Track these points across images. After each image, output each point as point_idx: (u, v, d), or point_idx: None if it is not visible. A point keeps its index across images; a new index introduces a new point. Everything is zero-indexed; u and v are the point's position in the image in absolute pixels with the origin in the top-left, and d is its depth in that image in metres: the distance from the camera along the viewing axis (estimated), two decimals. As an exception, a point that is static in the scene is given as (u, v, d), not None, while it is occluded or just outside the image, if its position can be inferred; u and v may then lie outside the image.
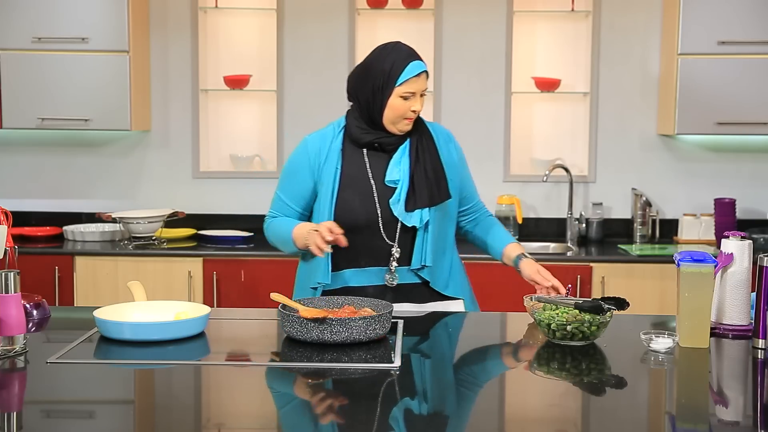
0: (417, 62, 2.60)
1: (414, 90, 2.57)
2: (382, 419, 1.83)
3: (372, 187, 2.62)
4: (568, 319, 2.26)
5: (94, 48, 4.32)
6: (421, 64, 2.60)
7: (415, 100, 2.58)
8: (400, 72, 2.57)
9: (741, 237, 2.39)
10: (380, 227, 2.61)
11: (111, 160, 4.72)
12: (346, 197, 2.61)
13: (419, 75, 2.58)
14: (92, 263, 4.18)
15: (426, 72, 2.61)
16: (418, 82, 2.58)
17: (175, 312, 2.40)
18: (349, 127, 2.67)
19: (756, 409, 1.93)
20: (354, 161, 2.64)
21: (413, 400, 1.94)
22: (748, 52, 4.22)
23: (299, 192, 2.69)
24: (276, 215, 2.74)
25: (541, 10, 4.61)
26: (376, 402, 1.95)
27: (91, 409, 1.89)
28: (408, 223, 2.60)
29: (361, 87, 2.65)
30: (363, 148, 2.65)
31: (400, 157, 2.63)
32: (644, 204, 4.55)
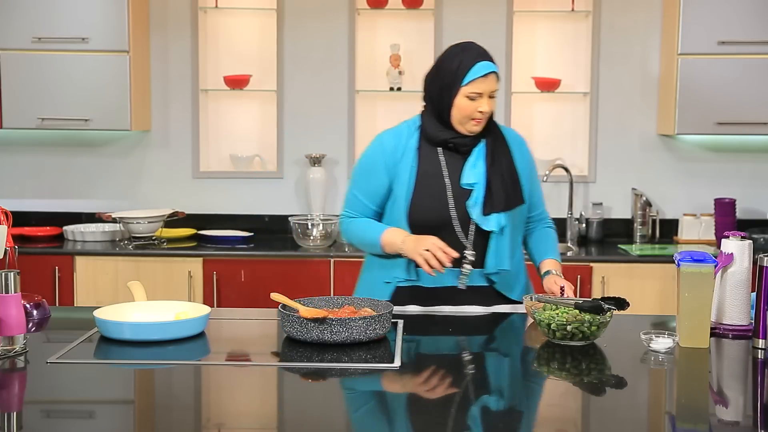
0: (485, 63, 2.56)
1: (480, 90, 2.55)
2: (382, 420, 1.84)
3: (447, 187, 2.60)
4: (568, 319, 2.26)
5: (94, 48, 4.32)
6: (489, 65, 2.56)
7: (482, 101, 2.55)
8: (466, 72, 2.55)
9: (741, 237, 2.39)
10: (454, 229, 2.60)
11: (111, 160, 4.72)
12: (421, 196, 2.60)
13: (486, 76, 2.55)
14: (92, 263, 4.18)
15: (495, 73, 2.58)
16: (485, 83, 2.55)
17: (175, 312, 2.40)
18: (425, 125, 2.66)
19: (756, 409, 1.93)
20: (430, 160, 2.63)
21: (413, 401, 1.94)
22: (748, 52, 4.22)
23: (375, 190, 2.67)
24: (353, 215, 2.72)
25: (541, 10, 4.61)
26: (376, 402, 1.95)
27: (91, 409, 1.89)
28: (485, 227, 2.58)
29: (432, 86, 2.65)
30: (438, 146, 2.64)
31: (476, 159, 2.61)
32: (644, 204, 4.55)
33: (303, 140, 4.67)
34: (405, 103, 4.68)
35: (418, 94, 4.85)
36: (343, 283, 4.10)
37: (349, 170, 4.67)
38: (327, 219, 4.39)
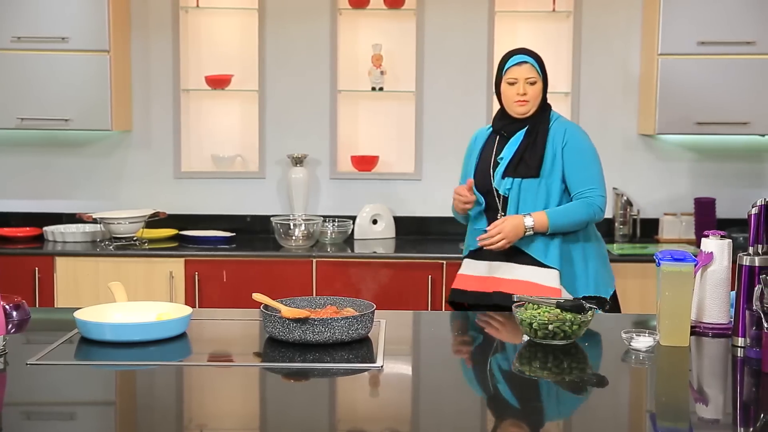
0: (520, 55, 3.14)
1: (516, 76, 3.11)
2: (364, 419, 1.84)
3: (490, 164, 3.15)
4: (550, 319, 2.27)
5: (74, 48, 4.29)
6: (522, 56, 3.13)
7: (519, 85, 3.10)
8: (505, 63, 3.15)
9: (721, 236, 2.41)
10: (494, 195, 3.12)
11: (92, 160, 4.70)
12: (478, 173, 3.17)
13: (520, 64, 3.12)
14: (73, 264, 4.16)
15: (528, 62, 3.11)
16: (519, 70, 3.11)
17: (156, 313, 2.39)
18: (494, 120, 3.26)
19: (736, 407, 1.94)
20: (489, 146, 3.20)
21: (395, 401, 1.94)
22: (727, 53, 4.25)
23: (467, 172, 3.24)
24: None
25: (522, 11, 4.62)
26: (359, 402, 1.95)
27: (72, 410, 1.88)
28: (499, 189, 3.10)
29: (494, 83, 3.22)
30: (497, 134, 3.19)
31: (515, 140, 3.13)
32: (625, 203, 4.58)
33: (285, 140, 4.67)
34: (387, 103, 4.69)
35: (401, 93, 4.88)
36: (326, 284, 4.10)
37: (332, 170, 4.67)
38: (309, 219, 4.38)
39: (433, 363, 2.29)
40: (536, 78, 3.12)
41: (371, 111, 4.71)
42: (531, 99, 3.11)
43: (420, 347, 2.46)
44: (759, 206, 2.28)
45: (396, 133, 4.71)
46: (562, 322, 2.27)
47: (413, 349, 2.43)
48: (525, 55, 3.15)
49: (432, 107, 4.64)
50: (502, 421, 1.82)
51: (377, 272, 4.12)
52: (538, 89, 3.13)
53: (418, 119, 4.62)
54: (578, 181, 3.09)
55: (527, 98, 3.10)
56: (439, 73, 4.63)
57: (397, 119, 4.71)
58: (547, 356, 2.22)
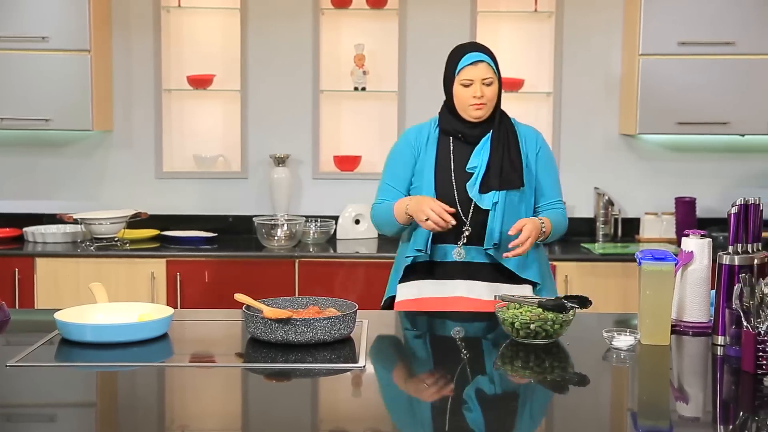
0: (474, 53, 2.82)
1: (471, 77, 2.79)
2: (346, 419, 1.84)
3: (451, 173, 2.85)
4: (532, 318, 2.28)
5: (54, 47, 4.26)
6: (478, 55, 2.81)
7: (475, 86, 2.79)
8: (457, 62, 2.82)
9: (701, 235, 2.42)
10: (459, 210, 2.80)
11: (73, 160, 4.67)
12: (438, 182, 2.84)
13: (475, 64, 2.80)
14: (53, 265, 4.13)
15: (484, 62, 2.80)
16: (475, 71, 2.79)
17: (138, 313, 2.38)
18: (441, 120, 2.92)
19: (716, 405, 1.95)
20: (444, 151, 2.88)
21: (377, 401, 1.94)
22: (707, 53, 4.28)
23: (403, 174, 2.92)
24: (381, 201, 2.94)
25: (504, 11, 4.63)
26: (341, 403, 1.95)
27: (53, 412, 1.87)
28: (480, 204, 2.80)
29: (443, 82, 2.90)
30: (450, 137, 2.88)
31: (481, 147, 2.84)
32: (607, 203, 4.60)
33: (267, 140, 4.66)
34: (370, 103, 4.69)
35: (383, 93, 4.88)
36: (308, 284, 4.09)
37: (314, 170, 4.66)
38: (291, 219, 4.38)
39: (415, 363, 2.29)
40: (493, 78, 2.81)
41: (354, 111, 4.71)
42: (488, 101, 2.81)
43: (402, 347, 2.46)
44: (739, 206, 2.29)
45: (378, 132, 4.71)
46: (544, 321, 2.28)
47: (395, 349, 2.43)
48: (480, 53, 2.82)
49: (414, 107, 4.64)
50: (483, 421, 1.82)
51: (360, 272, 4.12)
52: (494, 90, 2.82)
53: (400, 119, 4.63)
54: (549, 192, 2.93)
55: (484, 101, 2.80)
56: (422, 73, 4.64)
57: (380, 119, 4.71)
58: (528, 355, 2.23)
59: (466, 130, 2.86)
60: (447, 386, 2.06)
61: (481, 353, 2.40)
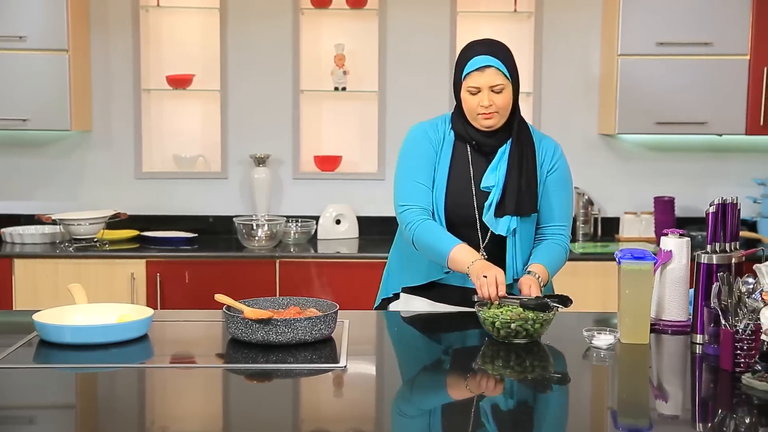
0: (481, 57, 2.53)
1: (477, 85, 2.52)
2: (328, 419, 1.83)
3: (472, 190, 2.60)
4: (512, 317, 2.29)
5: (32, 47, 4.23)
6: (485, 59, 2.53)
7: (482, 94, 2.52)
8: (464, 66, 2.55)
9: (680, 234, 2.44)
10: (477, 231, 2.60)
11: (51, 160, 4.64)
12: (453, 195, 2.60)
13: (482, 69, 2.52)
14: (32, 266, 4.10)
15: (493, 66, 2.52)
16: (482, 77, 2.52)
17: (117, 314, 2.37)
18: (454, 122, 2.64)
19: (694, 403, 1.97)
20: (461, 159, 2.62)
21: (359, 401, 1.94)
22: (685, 53, 4.31)
23: (427, 169, 2.61)
24: (412, 205, 2.60)
25: (484, 11, 4.64)
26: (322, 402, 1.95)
27: (32, 414, 1.86)
28: (495, 230, 2.57)
29: (453, 84, 2.64)
30: (467, 144, 2.62)
31: (497, 162, 2.59)
32: (586, 202, 4.62)
33: (247, 140, 4.64)
34: (350, 103, 4.69)
35: (363, 93, 4.87)
36: (289, 284, 4.08)
37: (294, 170, 4.65)
38: (272, 219, 4.37)
39: (396, 362, 2.29)
40: (504, 84, 2.53)
41: (334, 111, 4.71)
42: (500, 110, 2.53)
43: (383, 347, 2.46)
44: (717, 205, 2.31)
45: (359, 133, 4.71)
46: (524, 320, 2.28)
47: (377, 349, 2.43)
48: (488, 56, 2.53)
49: (395, 107, 4.64)
50: (464, 420, 1.83)
51: (341, 272, 4.12)
52: (507, 97, 2.54)
53: (381, 119, 4.63)
54: (559, 215, 2.67)
55: (494, 110, 2.53)
56: (402, 73, 4.64)
57: (360, 119, 4.71)
58: (509, 354, 2.24)
59: (481, 138, 2.59)
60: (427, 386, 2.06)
61: (462, 353, 2.41)
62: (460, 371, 2.21)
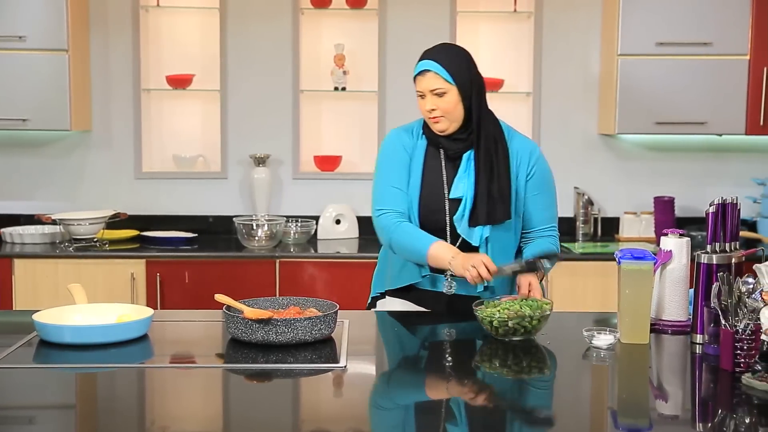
0: (422, 62, 2.57)
1: (420, 89, 2.57)
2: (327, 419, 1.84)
3: (444, 196, 2.61)
4: (510, 316, 2.29)
5: (31, 46, 4.23)
6: (424, 63, 2.56)
7: (426, 99, 2.56)
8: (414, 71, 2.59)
9: (679, 234, 2.44)
10: (447, 237, 2.61)
11: (51, 160, 4.64)
12: (426, 201, 2.62)
13: (423, 74, 2.56)
14: (32, 266, 4.10)
15: (431, 71, 2.55)
16: (423, 81, 2.56)
17: (117, 314, 2.37)
18: (425, 128, 2.66)
19: (694, 403, 1.97)
20: (433, 165, 2.63)
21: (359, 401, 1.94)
22: (685, 53, 4.31)
23: (402, 171, 2.64)
24: (389, 209, 2.63)
25: (483, 11, 4.64)
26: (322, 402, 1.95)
27: (32, 414, 1.86)
28: (469, 239, 2.58)
29: None
30: (438, 149, 2.63)
31: (464, 170, 2.60)
32: (586, 202, 4.62)
33: (247, 140, 4.64)
34: (350, 103, 4.69)
35: (363, 93, 4.87)
36: (289, 284, 4.08)
37: (294, 170, 4.65)
38: (272, 219, 4.37)
39: (395, 362, 2.29)
40: (444, 87, 2.53)
41: (334, 111, 4.71)
42: (445, 114, 2.55)
43: (383, 347, 2.46)
44: (716, 205, 2.31)
45: (359, 132, 4.71)
46: (521, 318, 2.29)
47: (376, 349, 2.43)
48: (429, 60, 2.56)
49: (394, 107, 4.64)
50: (463, 420, 1.83)
51: (340, 272, 4.12)
52: (450, 101, 2.54)
53: (380, 119, 4.63)
54: (542, 219, 2.66)
55: (438, 114, 2.54)
56: (401, 73, 4.64)
57: (360, 119, 4.71)
58: (508, 354, 2.24)
59: (445, 142, 2.61)
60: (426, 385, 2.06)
61: (461, 352, 2.41)
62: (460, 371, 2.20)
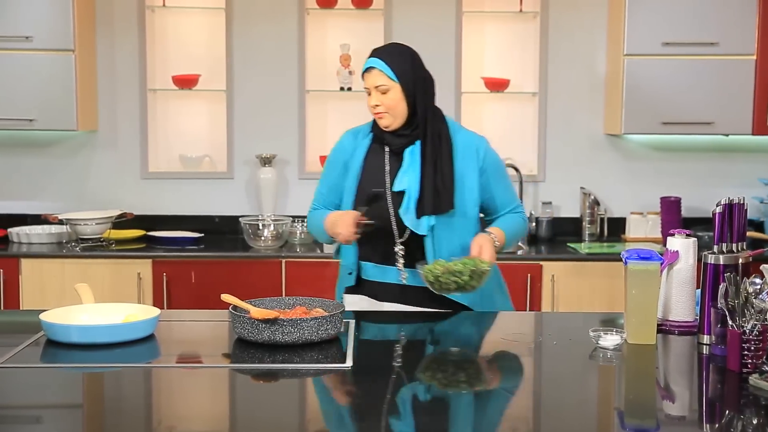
0: (369, 59, 2.68)
1: (366, 85, 2.67)
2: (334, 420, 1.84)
3: (387, 189, 2.67)
4: (442, 272, 2.42)
5: (38, 47, 4.24)
6: (370, 61, 2.67)
7: (372, 95, 2.66)
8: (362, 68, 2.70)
9: (686, 235, 2.43)
10: (393, 229, 2.67)
11: (57, 160, 4.65)
12: (361, 195, 2.69)
13: (368, 71, 2.67)
14: (38, 266, 4.11)
15: (376, 68, 2.65)
16: (369, 78, 2.66)
17: (124, 314, 2.37)
18: (374, 125, 2.76)
19: (701, 404, 1.97)
20: (376, 160, 2.72)
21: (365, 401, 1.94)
22: (691, 53, 4.30)
23: (336, 182, 2.77)
24: (317, 207, 2.82)
25: (489, 11, 4.64)
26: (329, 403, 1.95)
27: (39, 414, 1.86)
28: (416, 230, 2.63)
29: None
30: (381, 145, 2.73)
31: (409, 164, 2.66)
32: (592, 203, 4.61)
33: (253, 140, 4.65)
34: (355, 103, 4.68)
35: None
36: (295, 284, 4.08)
37: (300, 170, 4.66)
38: (278, 220, 4.37)
39: (402, 363, 2.29)
40: (388, 84, 2.62)
41: (340, 111, 4.71)
42: (389, 110, 2.64)
43: (389, 347, 2.46)
44: (723, 205, 2.31)
45: (364, 133, 4.70)
46: (452, 273, 2.41)
47: (383, 349, 2.43)
48: (374, 58, 2.67)
49: (400, 107, 4.63)
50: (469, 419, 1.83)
51: (346, 272, 4.11)
52: (394, 98, 2.63)
53: (386, 119, 4.62)
54: (504, 202, 2.76)
55: (382, 110, 2.64)
56: (408, 73, 4.63)
57: (365, 119, 4.67)
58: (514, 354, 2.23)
59: (389, 138, 2.69)
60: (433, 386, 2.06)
61: (468, 352, 2.40)
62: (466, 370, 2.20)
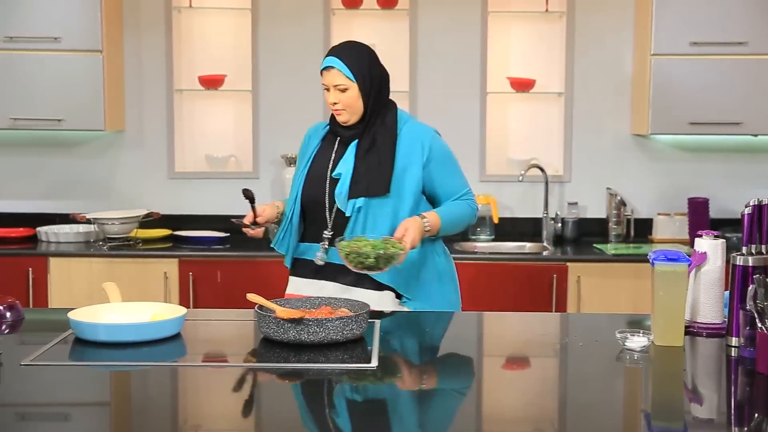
0: (327, 58, 2.79)
1: (325, 83, 2.79)
2: (361, 420, 1.84)
3: (327, 175, 2.83)
4: (352, 250, 2.51)
5: (66, 47, 4.28)
6: (328, 60, 2.78)
7: (330, 93, 2.78)
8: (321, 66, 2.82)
9: (714, 236, 2.41)
10: (325, 211, 2.81)
11: (85, 160, 4.69)
12: (307, 182, 2.86)
13: (327, 69, 2.77)
14: (66, 264, 4.15)
15: (334, 68, 2.75)
16: (328, 76, 2.78)
17: (151, 313, 2.38)
18: (331, 118, 2.89)
19: (730, 407, 1.95)
20: (326, 150, 2.88)
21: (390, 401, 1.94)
22: (720, 53, 4.27)
23: (301, 161, 2.95)
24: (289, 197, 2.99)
25: (515, 11, 4.63)
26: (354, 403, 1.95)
27: (67, 411, 1.88)
28: (344, 210, 2.77)
29: None
30: (335, 136, 2.88)
31: (348, 153, 2.82)
32: (619, 203, 4.58)
33: (278, 140, 4.66)
34: (381, 103, 4.69)
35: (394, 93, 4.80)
36: (320, 284, 4.09)
37: (325, 170, 4.66)
38: (303, 219, 4.37)
39: (428, 362, 2.29)
40: (346, 84, 2.75)
41: (365, 111, 4.70)
42: (346, 107, 2.77)
43: (414, 347, 2.46)
44: (752, 206, 2.28)
45: (390, 133, 4.70)
46: (358, 254, 2.49)
47: (408, 350, 2.43)
48: (333, 57, 2.77)
49: (426, 107, 4.64)
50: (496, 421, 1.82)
51: (371, 272, 4.11)
52: (351, 96, 2.76)
53: (411, 119, 4.62)
54: (451, 191, 2.83)
55: (340, 107, 2.77)
56: (433, 72, 4.63)
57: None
58: (539, 356, 2.22)
59: (340, 130, 2.85)
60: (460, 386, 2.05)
61: (493, 354, 2.40)
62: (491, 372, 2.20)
